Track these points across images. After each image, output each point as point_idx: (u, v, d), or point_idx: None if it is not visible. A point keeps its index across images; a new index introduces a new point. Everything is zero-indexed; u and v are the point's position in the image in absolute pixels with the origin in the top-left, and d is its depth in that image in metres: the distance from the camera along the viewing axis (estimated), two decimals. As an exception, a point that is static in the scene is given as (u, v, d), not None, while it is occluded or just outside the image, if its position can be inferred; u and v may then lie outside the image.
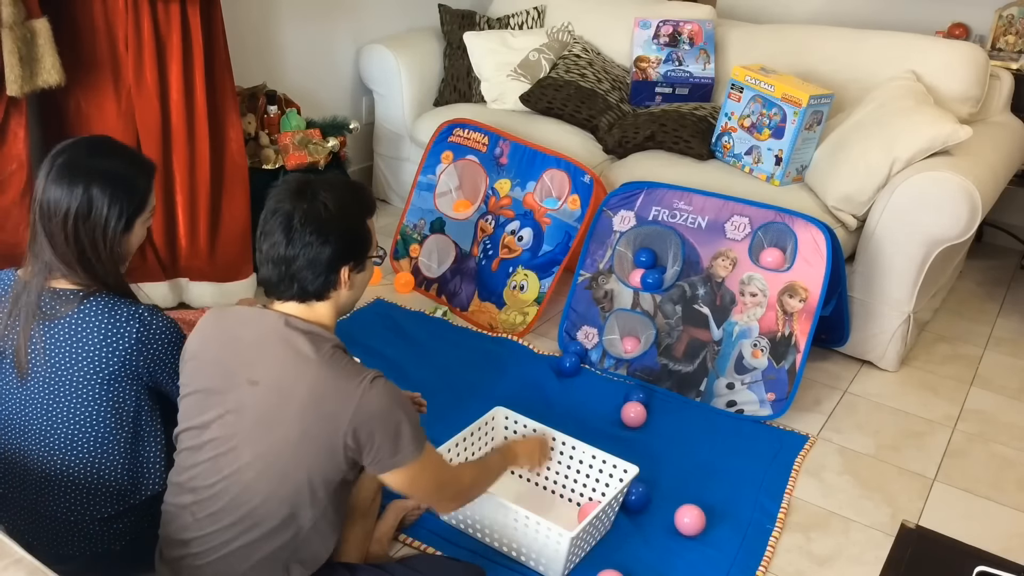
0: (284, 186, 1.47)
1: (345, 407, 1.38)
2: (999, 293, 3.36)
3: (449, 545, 1.95)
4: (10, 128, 2.30)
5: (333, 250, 1.43)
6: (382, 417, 1.40)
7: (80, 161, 1.55)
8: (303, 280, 1.44)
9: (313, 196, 1.43)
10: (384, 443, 1.42)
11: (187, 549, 1.47)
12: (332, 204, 1.43)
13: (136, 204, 1.59)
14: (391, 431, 1.42)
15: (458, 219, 3.06)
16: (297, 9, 3.35)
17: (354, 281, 1.51)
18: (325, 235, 1.42)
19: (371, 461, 1.44)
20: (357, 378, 1.40)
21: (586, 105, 3.29)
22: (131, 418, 1.60)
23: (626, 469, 1.97)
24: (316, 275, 1.44)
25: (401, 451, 1.44)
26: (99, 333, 1.54)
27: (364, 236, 1.50)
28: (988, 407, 2.62)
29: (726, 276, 2.54)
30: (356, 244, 1.48)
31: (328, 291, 1.47)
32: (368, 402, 1.39)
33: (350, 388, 1.39)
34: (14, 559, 1.21)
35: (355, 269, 1.49)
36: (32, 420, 1.59)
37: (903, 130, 2.61)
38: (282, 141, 2.94)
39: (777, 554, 2.00)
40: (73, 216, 1.53)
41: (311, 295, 1.47)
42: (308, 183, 1.46)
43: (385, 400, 1.41)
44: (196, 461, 1.47)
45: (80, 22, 2.39)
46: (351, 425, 1.39)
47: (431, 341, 2.75)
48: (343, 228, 1.45)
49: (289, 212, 1.42)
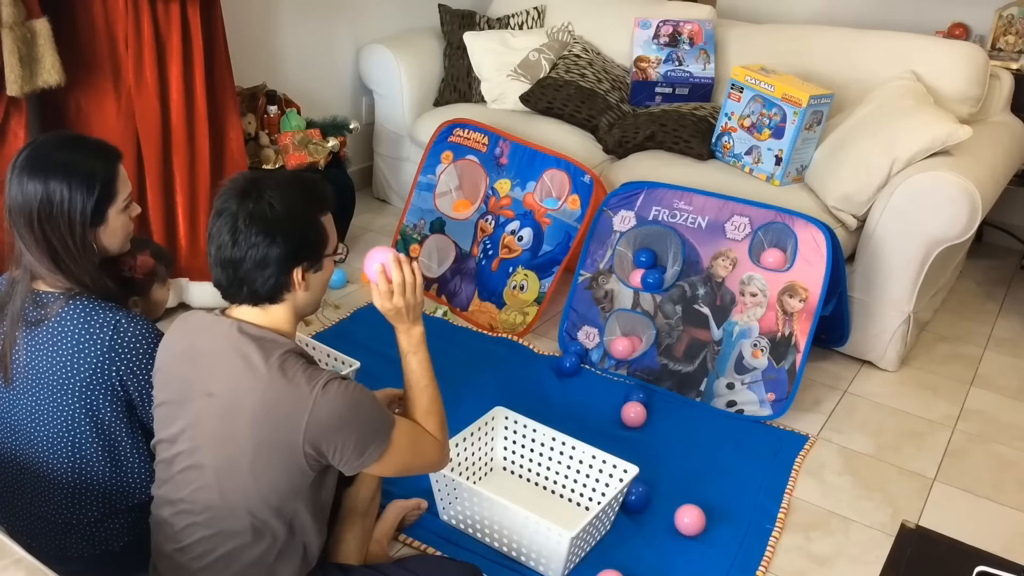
0: (230, 185, 1.40)
1: (298, 417, 1.33)
2: (999, 293, 3.36)
3: (449, 545, 1.95)
4: (10, 128, 2.30)
5: (281, 251, 1.36)
6: (340, 422, 1.35)
7: (37, 158, 1.52)
8: (252, 283, 1.38)
9: (259, 195, 1.36)
10: (347, 446, 1.37)
11: (172, 560, 1.47)
12: (278, 203, 1.36)
13: (101, 193, 1.54)
14: (352, 434, 1.37)
15: (458, 219, 3.06)
16: (297, 9, 3.35)
17: (310, 282, 1.43)
18: (272, 236, 1.35)
19: (339, 463, 1.40)
20: (308, 385, 1.34)
21: (586, 105, 3.29)
22: (107, 428, 1.58)
23: (626, 469, 1.97)
24: (266, 278, 1.37)
25: (367, 450, 1.40)
26: (73, 339, 1.52)
27: (316, 234, 1.43)
28: (988, 407, 2.62)
29: (726, 276, 2.54)
30: (307, 244, 1.41)
31: (280, 294, 1.41)
32: (322, 409, 1.34)
33: (301, 396, 1.34)
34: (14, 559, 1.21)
35: (309, 269, 1.42)
36: (19, 422, 1.59)
37: (903, 130, 2.61)
38: (282, 141, 2.94)
39: (777, 554, 2.00)
40: (36, 214, 1.50)
41: (263, 298, 1.41)
42: (254, 181, 1.39)
43: (339, 404, 1.35)
44: (170, 474, 1.45)
45: (80, 22, 2.39)
46: (307, 434, 1.34)
47: (431, 341, 2.70)
48: (291, 228, 1.37)
49: (234, 213, 1.35)
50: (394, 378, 2.46)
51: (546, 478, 2.11)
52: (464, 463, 2.06)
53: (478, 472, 2.12)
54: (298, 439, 1.34)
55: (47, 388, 1.54)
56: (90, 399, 1.55)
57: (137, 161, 2.51)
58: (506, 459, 2.17)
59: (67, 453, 1.57)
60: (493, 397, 2.38)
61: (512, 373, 2.60)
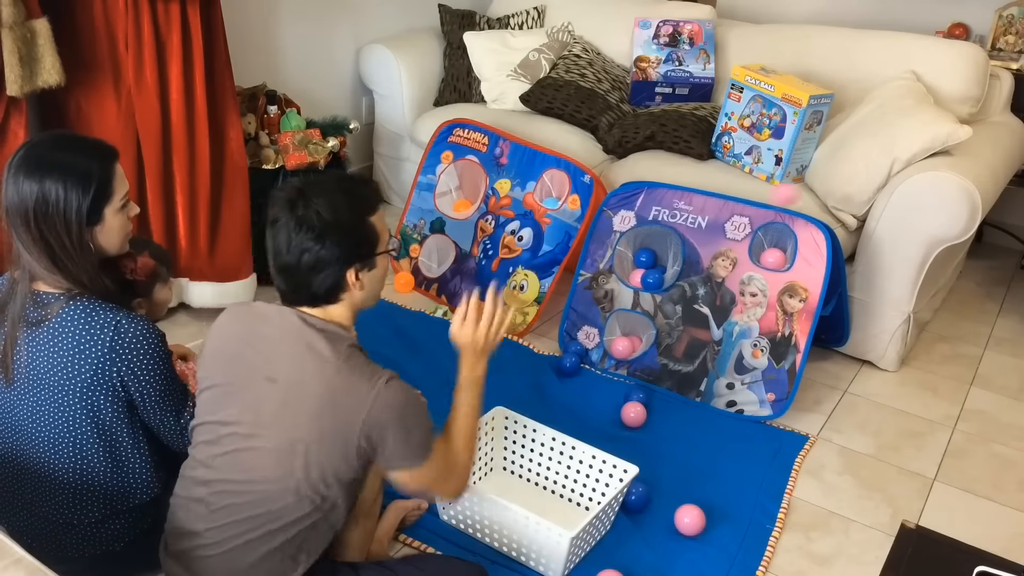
0: (280, 195, 1.46)
1: (359, 408, 1.40)
2: (999, 293, 3.36)
3: (449, 545, 1.95)
4: (10, 128, 2.30)
5: (333, 255, 1.44)
6: (395, 419, 1.42)
7: (33, 158, 1.52)
8: (310, 286, 1.46)
9: (306, 204, 1.43)
10: (396, 445, 1.44)
11: (198, 540, 1.47)
12: (325, 210, 1.42)
13: (97, 192, 1.53)
14: (403, 433, 1.44)
15: (458, 219, 3.06)
16: (297, 9, 3.35)
17: (364, 281, 1.50)
18: (322, 240, 1.42)
19: (384, 458, 1.46)
20: (372, 379, 1.41)
21: (586, 105, 3.29)
22: (108, 428, 1.58)
23: (626, 469, 1.97)
24: (322, 281, 1.45)
25: (411, 453, 1.46)
26: (74, 339, 1.52)
27: (366, 236, 1.49)
28: (988, 407, 2.62)
29: (726, 276, 2.54)
30: (357, 245, 1.48)
31: (337, 294, 1.49)
32: (382, 403, 1.40)
33: (365, 389, 1.40)
34: (14, 559, 1.21)
35: (363, 269, 1.49)
36: (21, 422, 1.58)
37: (903, 130, 2.61)
38: (282, 141, 2.94)
39: (777, 554, 2.00)
40: (32, 214, 1.50)
41: (321, 299, 1.48)
42: (301, 191, 1.45)
43: (399, 402, 1.42)
44: (212, 454, 1.47)
45: (80, 22, 2.39)
46: (365, 426, 1.40)
47: (431, 341, 2.75)
48: (340, 232, 1.44)
49: (285, 223, 1.43)
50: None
51: (546, 478, 2.12)
52: (464, 463, 2.06)
53: (478, 472, 2.12)
54: (355, 429, 1.40)
55: (48, 389, 1.54)
56: (91, 400, 1.54)
57: (137, 161, 2.51)
58: (506, 459, 2.17)
59: (68, 453, 1.57)
60: (493, 397, 2.36)
61: (512, 373, 2.60)
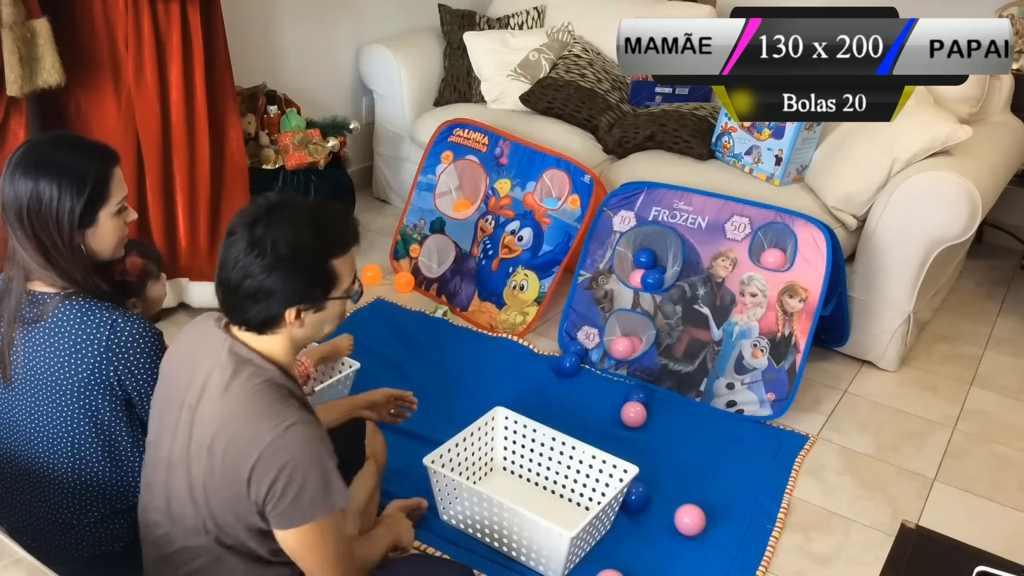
0: (249, 207, 1.36)
1: (252, 448, 1.28)
2: (999, 293, 3.36)
3: (449, 545, 1.95)
4: (10, 128, 2.30)
5: (277, 289, 1.31)
6: (289, 467, 1.27)
7: (31, 156, 1.52)
8: (244, 312, 1.34)
9: (267, 227, 1.30)
10: (285, 496, 1.28)
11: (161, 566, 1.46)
12: (285, 239, 1.30)
13: (91, 194, 1.52)
14: (296, 485, 1.28)
15: (458, 219, 3.06)
16: (297, 9, 3.35)
17: (306, 321, 1.37)
18: (269, 272, 1.30)
19: (270, 511, 1.30)
20: (273, 421, 1.28)
21: (586, 105, 3.29)
22: (107, 428, 1.57)
23: (626, 469, 1.97)
24: (257, 312, 1.33)
25: (301, 510, 1.29)
26: (70, 339, 1.51)
27: (322, 278, 1.36)
28: (988, 407, 2.62)
29: (726, 276, 2.54)
30: (309, 287, 1.34)
31: (272, 328, 1.36)
32: (277, 448, 1.27)
33: (263, 430, 1.28)
34: (14, 559, 1.21)
35: (309, 310, 1.36)
36: (19, 421, 1.58)
37: (903, 130, 2.60)
38: (282, 141, 2.94)
39: (777, 554, 2.00)
40: (26, 212, 1.50)
41: (254, 328, 1.36)
42: (268, 211, 1.32)
43: (295, 450, 1.28)
44: (150, 480, 1.44)
45: (80, 22, 2.39)
46: (253, 468, 1.28)
47: (431, 341, 2.75)
48: (293, 269, 1.31)
49: (240, 239, 1.31)
50: (393, 379, 2.49)
51: (546, 478, 2.11)
52: (464, 463, 2.06)
53: (478, 472, 2.12)
54: (245, 469, 1.28)
55: (46, 388, 1.54)
56: (89, 399, 1.54)
57: (137, 161, 2.51)
58: (506, 459, 2.17)
59: (67, 453, 1.57)
60: (493, 397, 2.38)
61: (512, 373, 2.60)
